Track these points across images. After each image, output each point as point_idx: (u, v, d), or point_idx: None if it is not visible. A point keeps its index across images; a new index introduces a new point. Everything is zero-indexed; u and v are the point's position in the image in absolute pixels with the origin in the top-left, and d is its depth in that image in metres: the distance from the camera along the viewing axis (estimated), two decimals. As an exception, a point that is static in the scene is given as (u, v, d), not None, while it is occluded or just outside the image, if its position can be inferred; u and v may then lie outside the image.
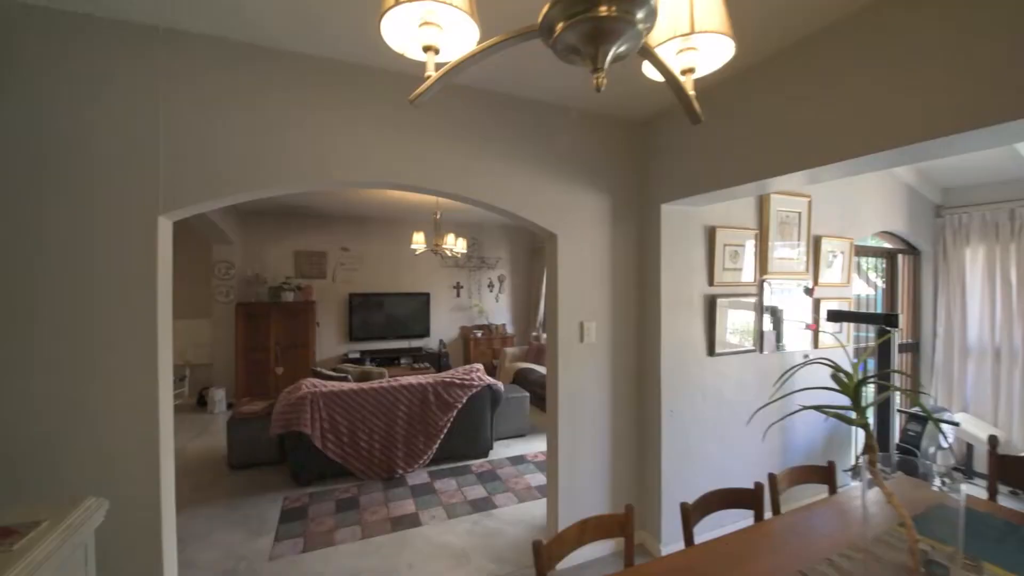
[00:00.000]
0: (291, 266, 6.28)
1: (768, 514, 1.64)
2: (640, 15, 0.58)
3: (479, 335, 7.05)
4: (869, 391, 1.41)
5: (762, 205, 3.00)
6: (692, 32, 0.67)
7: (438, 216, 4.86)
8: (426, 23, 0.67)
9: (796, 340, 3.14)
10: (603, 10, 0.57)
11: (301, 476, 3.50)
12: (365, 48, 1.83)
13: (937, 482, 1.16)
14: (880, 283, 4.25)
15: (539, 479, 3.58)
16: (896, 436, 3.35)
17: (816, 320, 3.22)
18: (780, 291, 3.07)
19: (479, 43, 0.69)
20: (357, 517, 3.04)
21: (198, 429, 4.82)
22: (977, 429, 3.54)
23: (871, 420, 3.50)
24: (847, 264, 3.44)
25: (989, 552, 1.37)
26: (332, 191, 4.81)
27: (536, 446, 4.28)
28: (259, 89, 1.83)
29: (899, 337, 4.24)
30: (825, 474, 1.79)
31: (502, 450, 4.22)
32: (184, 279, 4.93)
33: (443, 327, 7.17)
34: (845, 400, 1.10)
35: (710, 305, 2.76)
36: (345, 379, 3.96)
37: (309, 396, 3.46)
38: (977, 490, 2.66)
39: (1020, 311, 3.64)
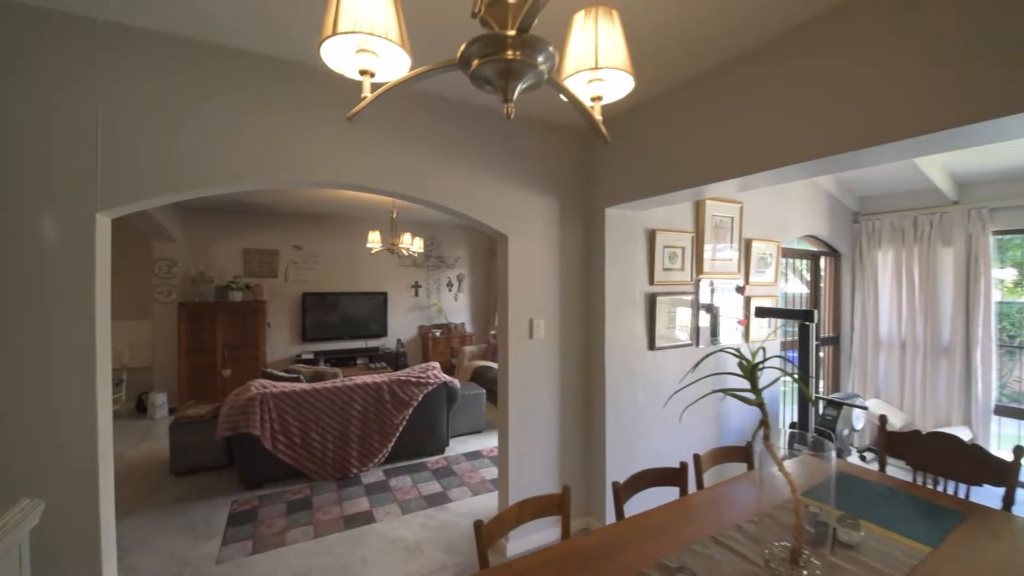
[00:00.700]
0: (240, 265, 6.06)
1: (693, 490, 1.81)
2: (541, 59, 0.69)
3: (438, 334, 7.07)
4: (782, 379, 1.59)
5: (699, 210, 3.23)
6: (597, 67, 0.79)
7: (394, 215, 4.86)
8: (362, 50, 0.74)
9: (730, 335, 3.40)
10: (510, 54, 0.67)
11: (250, 479, 3.43)
12: (315, 49, 1.85)
13: (807, 449, 1.35)
14: (804, 283, 4.64)
15: (494, 473, 3.68)
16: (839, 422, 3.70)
17: (747, 316, 3.50)
18: (715, 290, 3.32)
19: (410, 69, 0.77)
20: (310, 517, 3.03)
21: (137, 436, 4.59)
22: (887, 412, 3.96)
23: (795, 408, 3.84)
24: (775, 264, 3.75)
25: (871, 513, 1.59)
26: (284, 188, 4.71)
27: (492, 442, 4.38)
28: (207, 87, 1.82)
29: (823, 331, 4.67)
30: (744, 453, 1.99)
31: (458, 446, 4.29)
32: (121, 278, 4.67)
33: (401, 327, 7.13)
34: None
35: (651, 303, 2.95)
36: (297, 380, 3.90)
37: (259, 397, 3.40)
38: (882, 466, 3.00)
39: (921, 308, 4.10)
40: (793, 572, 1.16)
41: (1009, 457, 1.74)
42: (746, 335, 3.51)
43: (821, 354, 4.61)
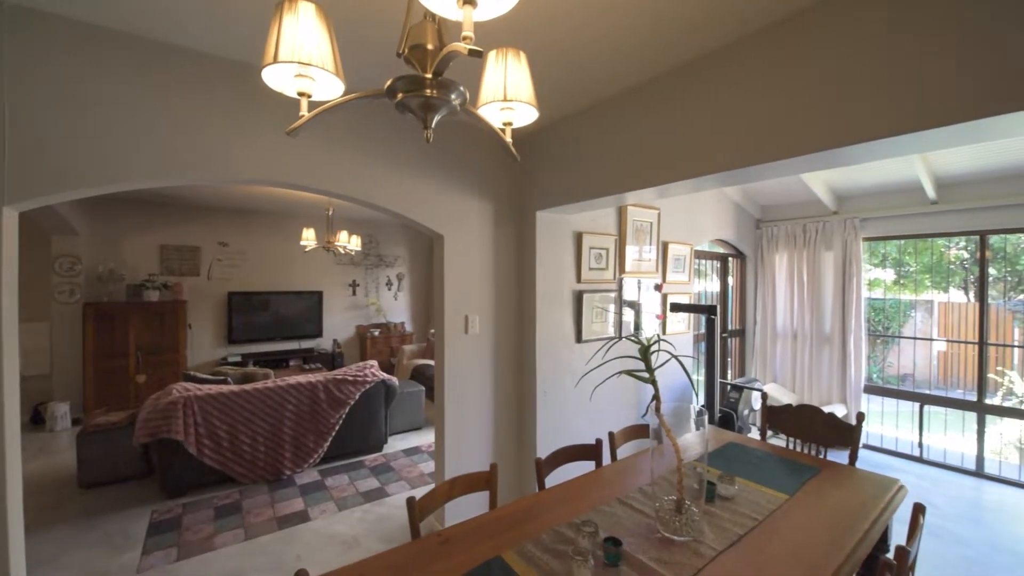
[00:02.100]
0: (156, 262, 5.64)
1: (608, 463, 2.05)
2: (454, 96, 0.84)
3: (376, 334, 6.99)
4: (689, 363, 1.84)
5: (621, 215, 3.53)
6: (506, 99, 0.94)
7: (330, 212, 4.79)
8: (300, 75, 0.85)
9: (650, 328, 3.75)
10: (428, 92, 0.82)
11: (172, 487, 3.27)
12: (242, 44, 1.87)
13: (693, 420, 1.61)
14: (712, 281, 5.17)
15: (432, 467, 3.77)
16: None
17: (664, 311, 3.87)
18: (636, 287, 3.65)
19: (344, 94, 0.89)
20: (240, 520, 2.96)
21: (34, 449, 4.16)
22: (780, 394, 4.54)
23: (702, 391, 4.29)
24: (689, 265, 4.17)
25: (748, 472, 1.91)
26: (213, 185, 4.47)
27: (431, 437, 4.47)
28: (133, 80, 1.77)
29: (731, 324, 5.23)
30: (658, 430, 2.26)
31: (397, 443, 4.33)
32: (13, 276, 4.22)
33: (338, 326, 6.97)
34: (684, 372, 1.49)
35: (578, 299, 3.20)
36: (224, 382, 3.75)
37: (182, 400, 3.25)
38: (776, 439, 3.47)
39: (808, 303, 4.74)
40: (675, 519, 1.40)
41: (854, 422, 2.14)
42: (663, 328, 3.88)
43: (730, 344, 5.17)
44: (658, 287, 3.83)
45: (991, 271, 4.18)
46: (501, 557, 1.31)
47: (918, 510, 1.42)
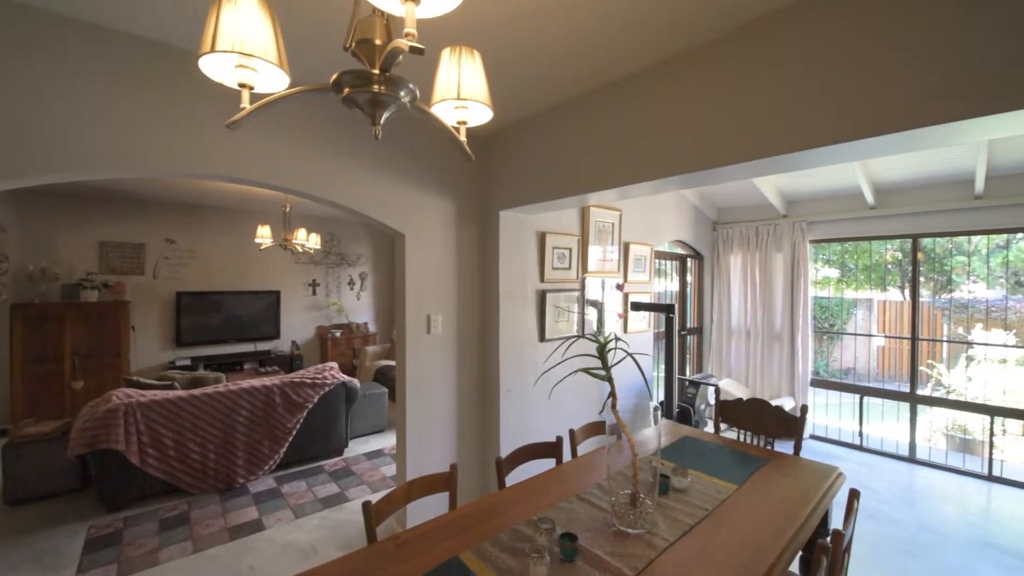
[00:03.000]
0: (95, 260, 5.27)
1: (569, 459, 2.07)
2: (403, 93, 0.83)
3: (338, 335, 6.80)
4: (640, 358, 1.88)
5: (584, 215, 3.59)
6: (459, 98, 0.94)
7: (287, 209, 4.62)
8: (241, 65, 0.81)
9: (613, 326, 3.83)
10: (376, 88, 0.80)
11: (112, 500, 3.06)
12: (182, 30, 1.77)
13: (652, 414, 1.66)
14: (671, 282, 5.34)
15: (395, 470, 3.71)
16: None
17: (625, 310, 3.96)
18: (598, 287, 3.72)
19: (289, 87, 0.86)
20: (188, 532, 2.81)
21: (-49, 465, 3.80)
22: (734, 389, 4.73)
23: (662, 387, 4.42)
24: (649, 265, 4.29)
25: (701, 464, 1.98)
26: (159, 178, 4.21)
27: (394, 439, 4.39)
28: (70, 63, 1.64)
29: (689, 322, 5.41)
30: (615, 426, 2.31)
31: (358, 447, 4.23)
32: (-74, 275, 3.86)
33: (296, 328, 6.73)
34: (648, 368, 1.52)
35: (541, 299, 3.23)
36: (171, 387, 3.55)
37: (123, 407, 3.05)
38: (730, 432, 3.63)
39: (760, 302, 4.96)
40: (630, 512, 1.43)
41: (798, 414, 2.26)
42: (625, 326, 3.97)
43: (688, 342, 5.35)
44: (620, 287, 3.91)
45: (923, 272, 4.52)
46: (458, 557, 1.30)
47: (853, 496, 1.52)
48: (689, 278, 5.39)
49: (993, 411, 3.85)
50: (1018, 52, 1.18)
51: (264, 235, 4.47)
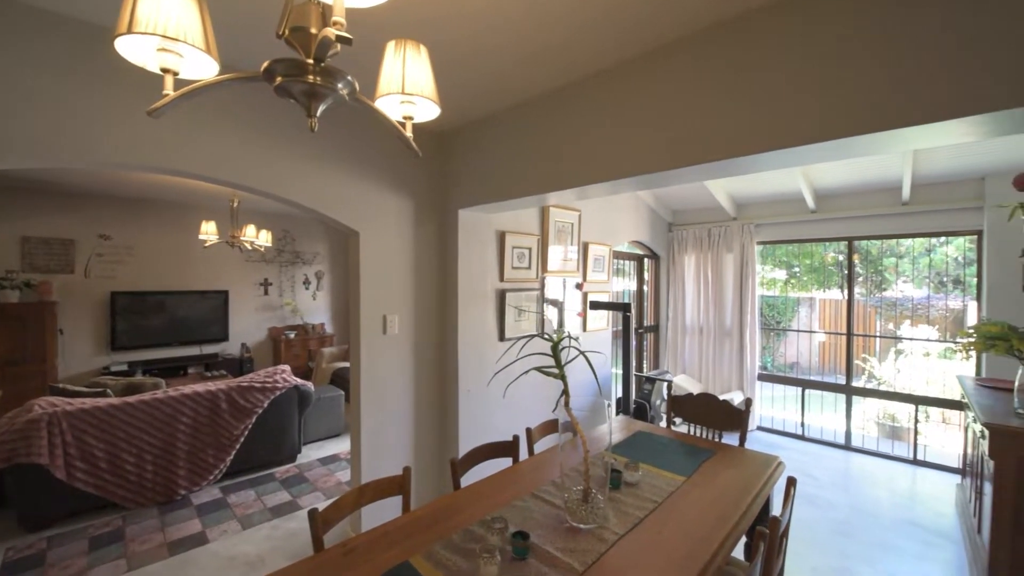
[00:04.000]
0: (16, 256, 4.82)
1: (526, 458, 2.08)
2: (340, 85, 0.80)
3: (292, 336, 6.54)
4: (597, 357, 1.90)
5: (544, 215, 3.62)
6: (404, 92, 0.92)
7: (235, 204, 4.39)
8: (163, 49, 0.75)
9: (573, 325, 3.88)
10: (311, 79, 0.77)
11: (34, 519, 2.81)
12: (103, 7, 1.64)
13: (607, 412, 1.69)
14: (631, 281, 5.48)
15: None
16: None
17: (584, 309, 4.03)
18: (558, 286, 3.76)
19: (220, 74, 0.81)
20: (121, 550, 2.62)
21: None
22: (688, 384, 4.91)
23: (620, 384, 4.52)
24: (608, 265, 4.37)
25: (652, 458, 2.03)
26: (90, 169, 3.89)
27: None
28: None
29: (646, 320, 5.56)
30: (568, 424, 2.34)
31: (313, 452, 4.08)
32: None
33: (247, 329, 6.42)
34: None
35: (501, 298, 3.22)
36: (103, 395, 3.30)
37: (46, 417, 2.80)
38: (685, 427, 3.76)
39: (712, 300, 5.17)
40: (582, 508, 1.45)
41: (744, 407, 2.37)
42: (584, 325, 4.03)
43: (645, 340, 5.50)
44: (579, 286, 3.97)
45: (858, 272, 4.85)
46: (408, 562, 1.27)
47: (790, 483, 1.61)
48: (646, 277, 5.55)
49: (917, 400, 4.19)
50: (933, 70, 1.28)
51: (209, 231, 4.23)
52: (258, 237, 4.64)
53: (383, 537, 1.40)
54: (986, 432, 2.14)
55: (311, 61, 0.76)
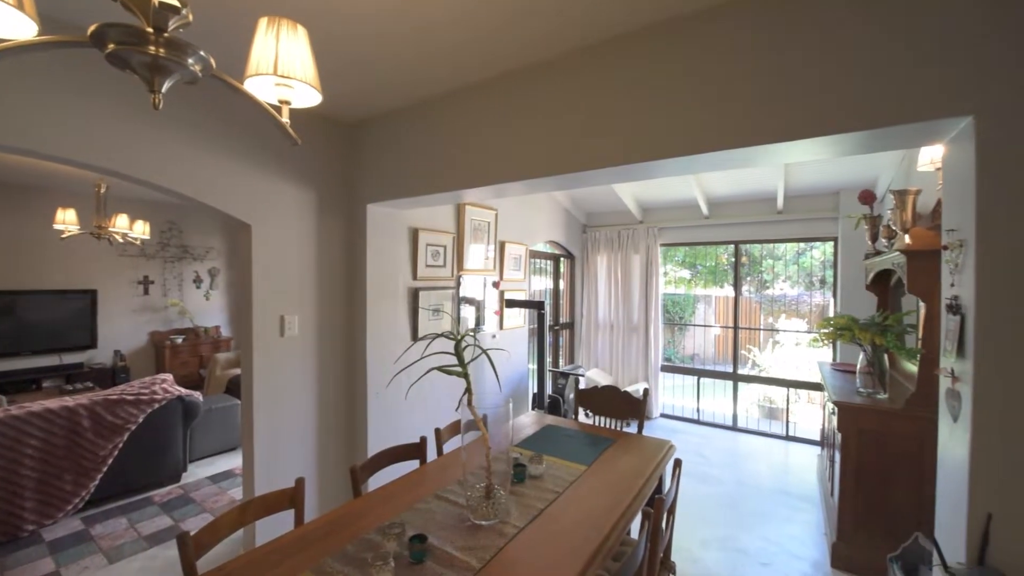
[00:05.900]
0: None
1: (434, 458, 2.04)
2: (191, 60, 0.71)
3: (180, 341, 5.84)
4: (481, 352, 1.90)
5: (459, 213, 3.58)
6: (276, 74, 0.84)
7: (102, 190, 3.80)
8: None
9: (490, 324, 3.89)
10: (152, 49, 0.67)
11: None
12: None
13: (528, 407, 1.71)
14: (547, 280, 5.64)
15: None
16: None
17: (501, 307, 4.06)
18: (475, 284, 3.75)
19: (37, 35, 0.67)
20: (-64, 606, 2.15)
21: None
22: (599, 377, 5.16)
23: (536, 380, 4.63)
24: (524, 264, 4.45)
25: (557, 449, 2.09)
26: None
27: (249, 456, 3.90)
28: None
29: (562, 317, 5.76)
30: (472, 423, 2.34)
31: (201, 470, 3.67)
32: None
33: (121, 334, 5.61)
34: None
35: (414, 296, 3.14)
36: (-85, 417, 2.68)
37: None
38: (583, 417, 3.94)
39: (622, 298, 5.48)
40: (484, 504, 1.45)
41: (642, 397, 2.53)
42: (501, 323, 4.07)
43: (561, 336, 5.69)
44: (495, 284, 3.99)
45: (745, 272, 5.45)
46: (294, 580, 1.18)
47: (676, 465, 1.74)
48: (563, 276, 5.74)
49: (789, 384, 4.79)
50: (796, 97, 1.45)
51: (67, 220, 3.62)
52: (132, 229, 4.06)
53: (269, 555, 1.28)
54: (836, 408, 2.49)
55: (150, 30, 0.66)
